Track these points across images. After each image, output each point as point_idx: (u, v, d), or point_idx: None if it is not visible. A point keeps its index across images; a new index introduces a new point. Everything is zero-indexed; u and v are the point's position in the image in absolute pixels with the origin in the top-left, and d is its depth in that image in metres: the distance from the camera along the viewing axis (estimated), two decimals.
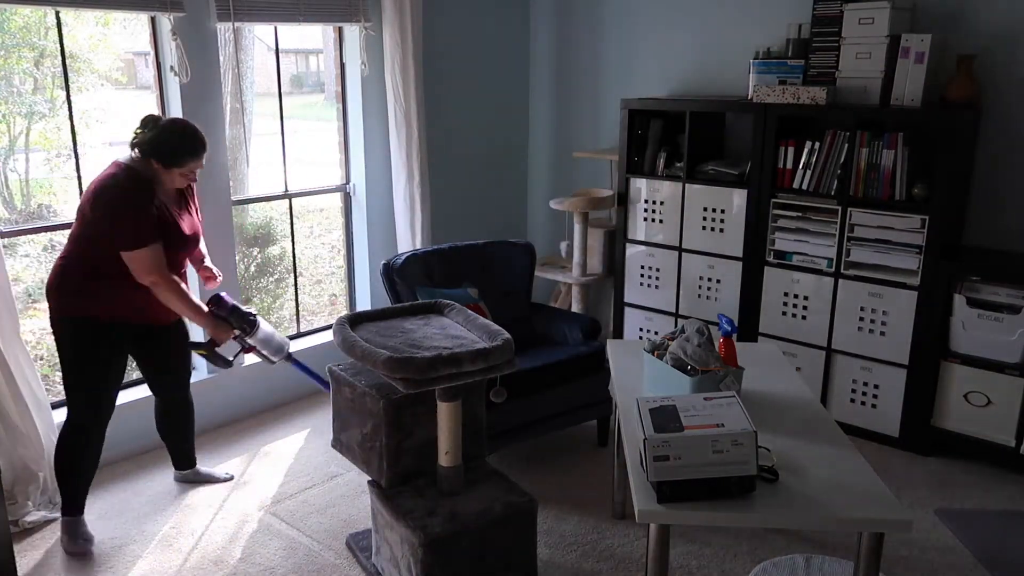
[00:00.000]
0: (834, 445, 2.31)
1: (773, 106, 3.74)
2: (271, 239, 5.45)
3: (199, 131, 2.92)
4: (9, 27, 4.76)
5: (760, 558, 2.85)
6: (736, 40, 4.24)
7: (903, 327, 3.57)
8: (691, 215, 4.12)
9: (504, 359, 2.50)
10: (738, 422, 2.00)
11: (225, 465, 3.61)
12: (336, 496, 3.35)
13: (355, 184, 4.49)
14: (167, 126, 2.86)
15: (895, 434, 3.68)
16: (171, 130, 2.86)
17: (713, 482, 1.98)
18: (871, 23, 3.56)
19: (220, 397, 3.97)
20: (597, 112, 4.92)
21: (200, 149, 2.92)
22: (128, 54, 5.63)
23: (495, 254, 3.93)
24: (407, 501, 2.60)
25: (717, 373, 2.46)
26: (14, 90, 4.90)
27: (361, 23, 4.17)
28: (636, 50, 4.67)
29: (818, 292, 3.78)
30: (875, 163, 3.54)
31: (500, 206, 5.24)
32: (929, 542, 3.01)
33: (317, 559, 2.93)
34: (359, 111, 4.34)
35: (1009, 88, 3.55)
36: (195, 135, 2.90)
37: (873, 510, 1.98)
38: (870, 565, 2.02)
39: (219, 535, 3.09)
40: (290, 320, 4.75)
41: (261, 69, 6.03)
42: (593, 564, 2.89)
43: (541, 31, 5.07)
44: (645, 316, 4.42)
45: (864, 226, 3.60)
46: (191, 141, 2.89)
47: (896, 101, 3.56)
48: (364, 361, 2.46)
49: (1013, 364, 3.33)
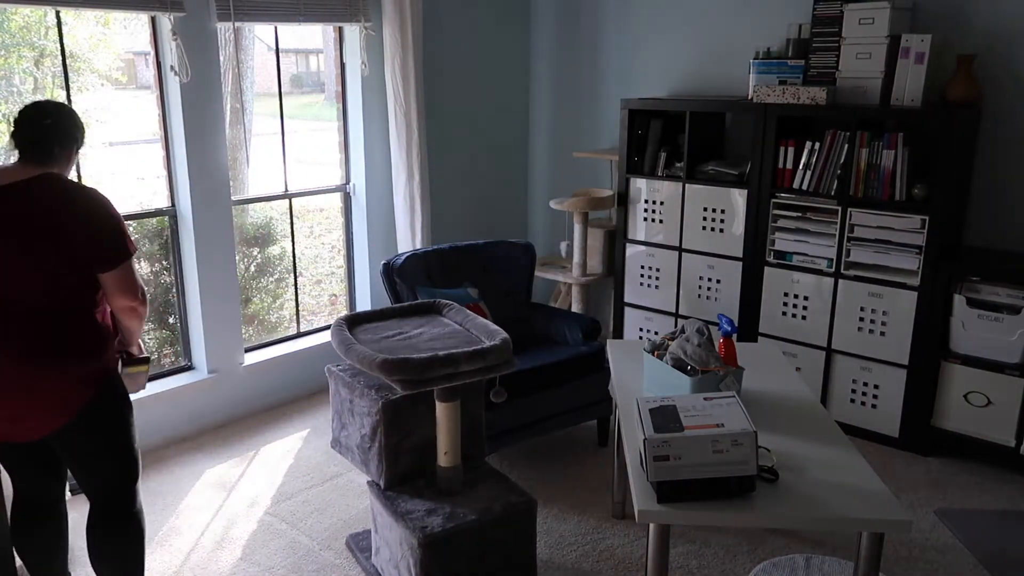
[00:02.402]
0: (834, 445, 2.30)
1: (773, 106, 3.74)
2: (271, 239, 5.44)
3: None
4: (9, 27, 4.75)
5: (760, 558, 2.85)
6: (736, 40, 4.24)
7: (903, 327, 3.56)
8: (691, 215, 4.11)
9: (502, 359, 2.50)
10: (738, 422, 2.00)
11: (225, 465, 3.61)
12: (336, 496, 3.35)
13: (355, 184, 4.49)
14: (58, 107, 2.30)
15: (895, 434, 3.68)
16: (65, 108, 2.32)
17: (713, 482, 1.98)
18: (871, 23, 3.56)
19: (220, 397, 3.97)
20: (597, 112, 4.92)
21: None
22: (128, 54, 5.63)
23: (495, 254, 3.93)
24: (406, 501, 2.60)
25: (717, 373, 2.46)
26: (14, 90, 4.90)
27: (361, 23, 4.17)
28: (636, 50, 4.67)
29: (818, 292, 3.78)
30: (875, 163, 3.54)
31: (500, 206, 5.24)
32: (929, 542, 3.00)
33: (317, 559, 2.93)
34: (359, 111, 4.34)
35: (1009, 88, 3.55)
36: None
37: (873, 510, 1.98)
38: (870, 565, 2.02)
39: (218, 535, 3.09)
40: (290, 320, 4.75)
41: (261, 69, 6.02)
42: (593, 564, 2.89)
43: (541, 31, 5.07)
44: (645, 316, 4.41)
45: (864, 226, 3.60)
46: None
47: (896, 101, 3.56)
48: (360, 364, 2.46)
49: (1013, 364, 3.33)
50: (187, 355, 3.98)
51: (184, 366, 3.98)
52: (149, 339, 4.18)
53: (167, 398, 3.77)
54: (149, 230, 4.11)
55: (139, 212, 3.89)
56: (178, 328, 4.00)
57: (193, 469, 3.57)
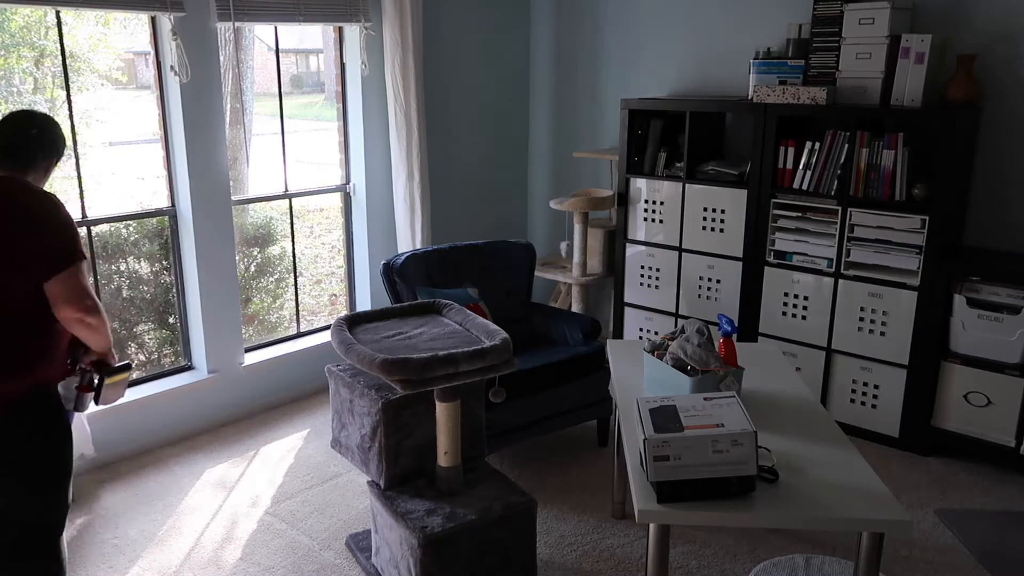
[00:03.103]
0: (834, 445, 2.31)
1: (773, 106, 3.74)
2: (271, 239, 5.44)
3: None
4: (9, 27, 4.75)
5: (760, 558, 2.85)
6: (736, 40, 4.24)
7: (903, 327, 3.56)
8: (691, 215, 4.11)
9: (502, 359, 2.50)
10: (738, 422, 2.00)
11: (225, 465, 3.61)
12: (336, 496, 3.35)
13: (355, 184, 4.49)
14: (45, 118, 2.26)
15: (895, 434, 3.68)
16: (51, 120, 2.27)
17: (713, 482, 1.98)
18: (871, 23, 3.56)
19: (220, 397, 3.97)
20: (597, 112, 4.92)
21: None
22: (128, 54, 5.63)
23: (495, 254, 3.93)
24: (406, 501, 2.60)
25: (717, 373, 2.46)
26: (14, 90, 4.90)
27: (361, 23, 4.17)
28: (636, 50, 4.67)
29: (818, 292, 3.78)
30: (875, 163, 3.54)
31: (500, 206, 5.24)
32: (929, 542, 3.00)
33: (317, 559, 2.93)
34: (359, 111, 4.34)
35: (1010, 88, 3.55)
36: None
37: (873, 510, 1.98)
38: (870, 565, 2.02)
39: (218, 535, 3.09)
40: (290, 320, 4.75)
41: (261, 69, 6.03)
42: (593, 564, 2.89)
43: (541, 31, 5.07)
44: (645, 316, 4.41)
45: (864, 226, 3.60)
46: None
47: (896, 101, 3.56)
48: (360, 364, 2.46)
49: (1013, 364, 3.33)
50: (187, 355, 3.98)
51: (184, 366, 3.98)
52: (149, 339, 4.19)
53: (167, 398, 3.77)
54: (149, 230, 4.11)
55: (139, 212, 3.89)
56: (178, 328, 4.00)
57: (193, 469, 3.57)
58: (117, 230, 4.11)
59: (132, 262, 4.19)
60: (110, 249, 4.08)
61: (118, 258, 4.14)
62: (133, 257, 4.19)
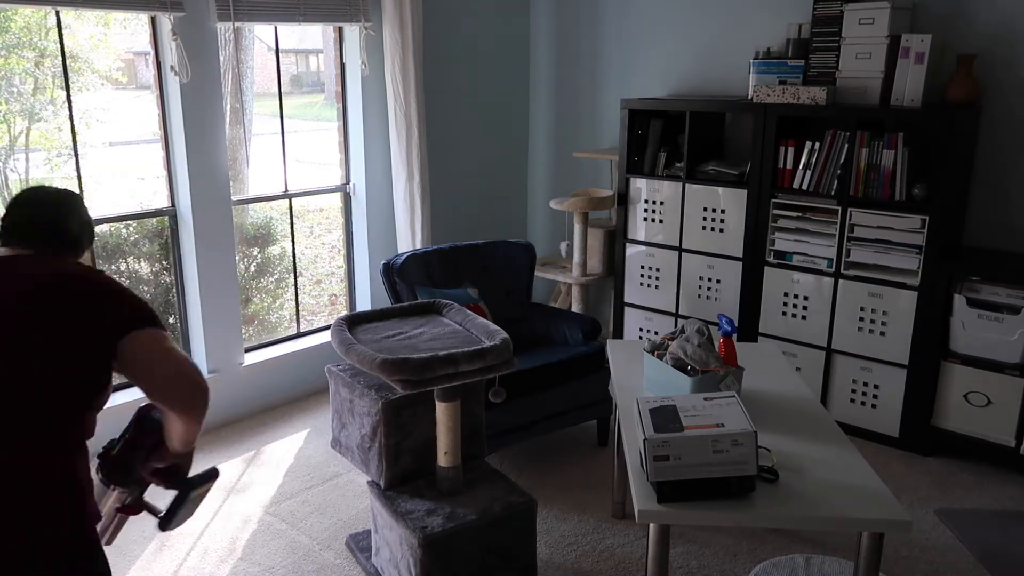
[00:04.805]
0: (834, 445, 2.31)
1: (773, 106, 3.74)
2: (271, 239, 5.44)
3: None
4: (10, 27, 4.76)
5: (760, 558, 2.85)
6: (736, 40, 4.24)
7: (903, 327, 3.56)
8: (691, 215, 4.11)
9: (502, 359, 2.50)
10: (738, 422, 1.99)
11: (225, 465, 3.61)
12: (336, 496, 3.35)
13: (355, 184, 4.49)
14: (67, 198, 1.76)
15: (895, 434, 3.68)
16: (74, 197, 1.79)
17: (713, 482, 1.98)
18: (871, 23, 3.56)
19: (220, 397, 3.97)
20: (597, 112, 4.92)
21: None
22: (128, 54, 5.63)
23: (495, 254, 3.93)
24: (406, 501, 2.60)
25: (717, 373, 2.46)
26: (14, 90, 4.90)
27: (361, 23, 4.17)
28: (636, 50, 4.67)
29: (818, 292, 3.78)
30: (875, 163, 3.54)
31: (500, 206, 5.24)
32: (929, 542, 3.00)
33: (317, 559, 2.93)
34: (359, 111, 4.34)
35: (1010, 88, 3.55)
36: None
37: (873, 510, 1.98)
38: (870, 565, 2.02)
39: (219, 535, 3.09)
40: (290, 320, 4.75)
41: (261, 69, 6.02)
42: (593, 564, 2.89)
43: (541, 31, 5.07)
44: (645, 316, 4.41)
45: (864, 226, 3.60)
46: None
47: (896, 101, 3.56)
48: (360, 364, 2.46)
49: (1013, 364, 3.33)
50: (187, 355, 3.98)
51: None
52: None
53: None
54: (149, 230, 4.11)
55: (139, 212, 3.89)
56: (178, 328, 4.00)
57: (193, 469, 3.56)
58: (117, 230, 4.11)
59: (132, 262, 4.20)
60: (110, 249, 4.08)
61: (118, 258, 4.14)
62: (133, 257, 4.19)
